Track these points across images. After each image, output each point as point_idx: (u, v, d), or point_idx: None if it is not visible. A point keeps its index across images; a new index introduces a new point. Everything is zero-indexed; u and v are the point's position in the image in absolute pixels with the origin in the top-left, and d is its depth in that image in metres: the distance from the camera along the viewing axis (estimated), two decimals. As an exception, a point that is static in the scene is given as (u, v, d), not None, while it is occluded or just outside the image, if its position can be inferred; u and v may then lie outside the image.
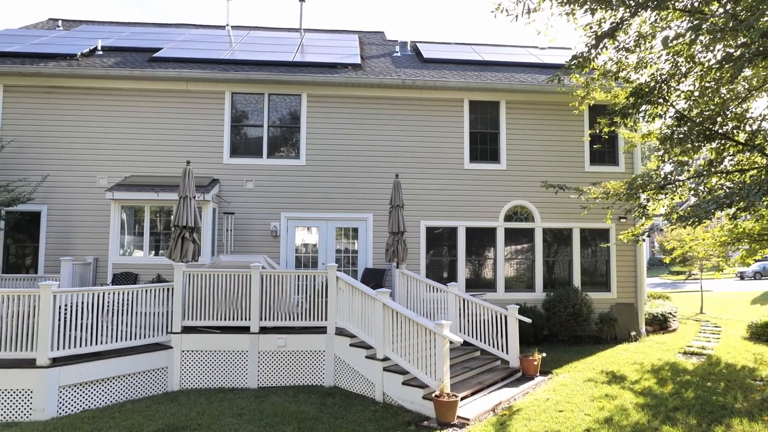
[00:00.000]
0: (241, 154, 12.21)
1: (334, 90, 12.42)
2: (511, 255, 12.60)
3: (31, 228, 11.67)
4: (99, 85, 11.97)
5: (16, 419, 6.81)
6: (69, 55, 12.40)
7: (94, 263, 11.36)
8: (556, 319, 11.46)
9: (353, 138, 12.38)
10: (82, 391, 7.21)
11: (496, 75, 13.25)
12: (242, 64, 12.65)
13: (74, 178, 11.73)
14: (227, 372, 8.30)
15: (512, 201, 12.55)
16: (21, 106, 11.85)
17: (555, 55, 15.45)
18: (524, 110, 12.84)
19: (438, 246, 12.48)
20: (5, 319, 7.05)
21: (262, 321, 8.45)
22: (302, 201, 12.09)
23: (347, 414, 6.85)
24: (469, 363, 8.71)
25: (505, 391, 7.82)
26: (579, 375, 8.79)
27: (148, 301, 8.17)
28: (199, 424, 6.35)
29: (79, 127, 11.89)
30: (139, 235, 11.28)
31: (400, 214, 10.36)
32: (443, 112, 12.66)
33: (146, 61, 12.58)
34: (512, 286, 12.49)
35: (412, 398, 7.11)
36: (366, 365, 7.83)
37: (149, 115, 12.05)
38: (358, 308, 8.11)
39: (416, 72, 13.11)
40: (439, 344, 6.87)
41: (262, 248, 11.74)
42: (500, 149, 12.72)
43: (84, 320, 7.39)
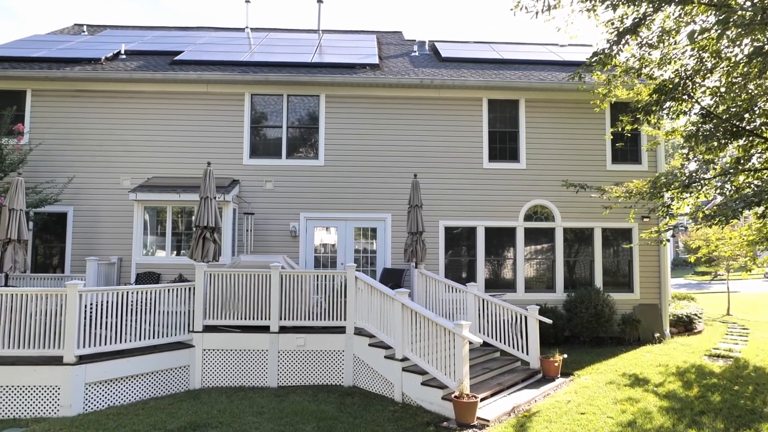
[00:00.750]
0: (260, 155, 12.32)
1: (353, 90, 12.45)
2: (530, 255, 12.47)
3: (58, 228, 11.96)
4: (122, 89, 12.21)
5: (44, 415, 6.99)
6: (94, 60, 12.68)
7: (119, 263, 11.59)
8: (577, 320, 11.31)
9: (372, 138, 12.40)
10: (107, 388, 7.36)
11: (515, 73, 13.13)
12: (261, 66, 12.77)
13: (99, 179, 11.99)
14: (247, 371, 8.38)
15: (532, 200, 12.42)
16: (48, 110, 12.16)
17: (575, 52, 15.24)
18: (544, 109, 12.69)
19: (457, 246, 12.41)
20: (34, 317, 7.24)
21: (282, 320, 8.51)
22: (321, 201, 12.15)
23: (366, 414, 6.86)
24: (488, 364, 8.64)
25: (526, 393, 7.74)
26: (601, 377, 8.66)
27: (170, 301, 8.30)
28: (221, 422, 6.43)
29: (104, 130, 12.15)
30: (162, 235, 11.47)
31: (418, 214, 10.34)
32: (462, 111, 12.59)
33: (168, 64, 12.79)
34: (532, 286, 12.35)
35: (432, 399, 7.08)
36: (385, 365, 7.82)
37: (171, 117, 12.24)
38: (377, 308, 8.12)
39: (434, 71, 13.06)
40: (459, 345, 6.83)
41: (282, 248, 11.84)
42: (519, 148, 12.60)
43: (109, 319, 7.55)
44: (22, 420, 6.85)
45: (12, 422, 6.78)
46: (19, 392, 7.06)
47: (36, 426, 6.45)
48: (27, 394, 7.05)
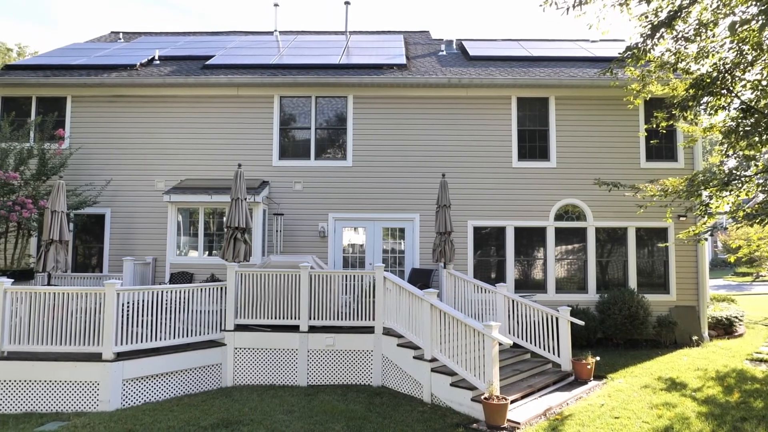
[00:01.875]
0: (289, 157, 12.48)
1: (380, 91, 12.48)
2: (561, 255, 12.25)
3: (97, 229, 12.38)
4: (156, 93, 12.56)
5: (84, 409, 7.25)
6: (129, 66, 13.07)
7: (153, 263, 11.92)
8: (610, 321, 11.05)
9: (399, 138, 12.40)
10: (144, 385, 7.57)
11: (544, 70, 12.92)
12: (290, 68, 12.93)
13: (134, 181, 12.35)
14: (278, 369, 8.49)
15: (563, 200, 12.20)
16: (87, 115, 12.60)
17: (607, 48, 14.89)
18: (575, 106, 12.45)
19: (486, 246, 12.29)
20: (74, 315, 7.52)
21: (311, 320, 8.60)
22: (349, 202, 12.22)
23: (395, 414, 6.86)
24: (518, 365, 8.53)
25: (557, 395, 7.61)
26: (636, 380, 8.44)
27: (203, 300, 8.48)
28: (252, 419, 6.54)
29: (139, 133, 12.51)
30: (194, 236, 11.74)
31: (447, 214, 10.28)
32: (490, 110, 12.46)
33: (199, 69, 13.08)
34: (563, 287, 12.13)
35: (461, 400, 7.03)
36: (414, 366, 7.81)
37: (203, 120, 12.52)
38: (406, 308, 8.11)
39: (462, 70, 12.97)
40: (488, 346, 6.77)
41: (311, 248, 11.95)
42: (549, 147, 12.39)
43: (144, 317, 7.77)
44: (64, 414, 7.12)
45: (55, 416, 7.05)
46: (61, 387, 7.34)
47: (77, 420, 6.69)
48: (68, 388, 7.33)
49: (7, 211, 10.29)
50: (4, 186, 10.82)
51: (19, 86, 12.54)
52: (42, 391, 7.35)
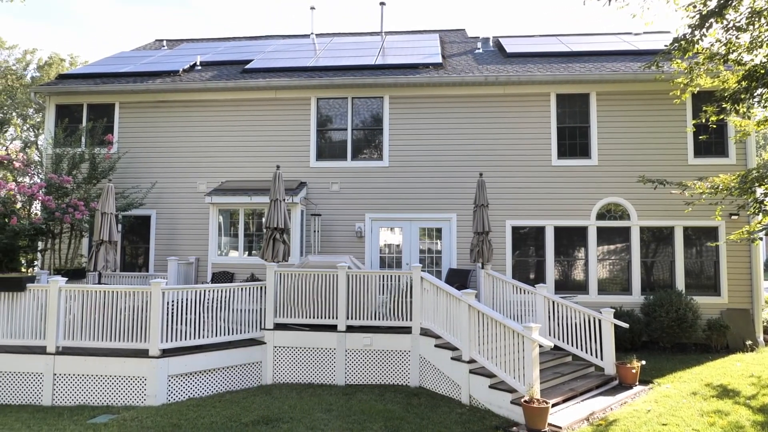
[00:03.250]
0: (326, 158, 12.61)
1: (416, 90, 12.45)
2: (603, 255, 11.89)
3: (143, 230, 12.86)
4: (198, 98, 12.93)
5: (132, 403, 7.53)
6: (172, 72, 13.51)
7: (196, 263, 12.27)
8: (656, 324, 10.64)
9: (436, 138, 12.33)
10: (188, 381, 7.81)
11: (585, 66, 12.57)
12: (326, 70, 13.07)
13: (178, 184, 12.76)
14: (316, 368, 8.59)
15: (605, 198, 11.84)
16: (133, 121, 13.11)
17: (651, 40, 14.37)
18: (617, 101, 12.06)
19: (524, 246, 12.07)
20: (123, 313, 7.83)
21: (349, 320, 8.65)
22: (386, 202, 12.24)
23: (433, 415, 6.82)
24: (560, 368, 8.33)
25: (601, 400, 7.39)
26: (684, 386, 8.09)
27: (243, 299, 8.67)
28: (291, 417, 6.63)
29: (182, 137, 12.92)
30: (234, 236, 12.03)
31: (484, 214, 10.15)
32: (528, 107, 12.23)
33: (239, 73, 13.39)
34: (606, 288, 11.77)
35: (500, 402, 6.93)
36: (451, 367, 7.75)
37: (242, 123, 12.81)
38: (443, 309, 8.06)
39: (499, 68, 12.79)
40: (528, 348, 6.64)
41: (348, 248, 12.04)
42: (591, 144, 12.05)
43: (188, 315, 8.01)
44: (114, 407, 7.43)
45: (105, 409, 7.36)
46: (111, 381, 7.65)
47: (126, 413, 6.96)
48: (118, 383, 7.64)
49: (61, 212, 10.82)
50: (59, 189, 11.39)
51: (71, 94, 13.18)
52: (93, 385, 7.69)
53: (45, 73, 46.84)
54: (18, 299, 8.03)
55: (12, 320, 8.02)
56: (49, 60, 48.46)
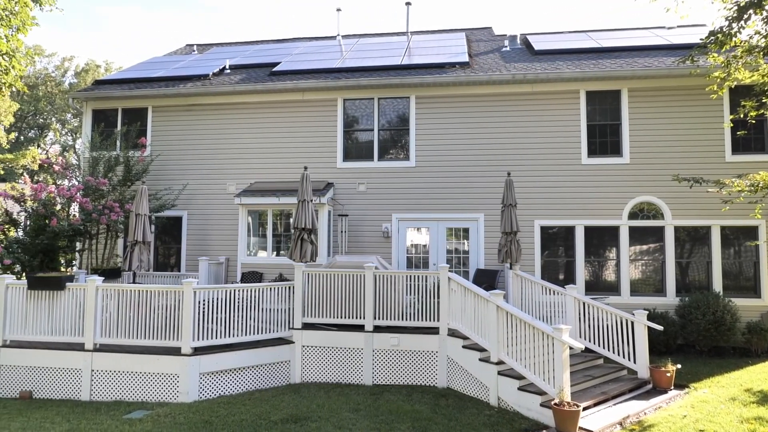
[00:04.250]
0: (353, 158, 12.67)
1: (442, 90, 12.39)
2: (636, 256, 11.59)
3: (175, 231, 13.17)
4: (227, 101, 13.18)
5: (166, 400, 7.73)
6: (203, 76, 13.80)
7: (226, 263, 12.50)
8: (692, 327, 10.32)
9: (463, 137, 12.25)
10: (218, 379, 7.96)
11: (615, 62, 12.30)
12: (353, 71, 13.14)
13: (208, 185, 13.03)
14: (344, 368, 8.64)
15: (637, 197, 11.54)
16: (165, 124, 13.45)
17: (686, 34, 13.95)
18: (649, 98, 11.75)
19: (553, 246, 11.88)
20: (156, 311, 8.04)
21: (376, 320, 8.67)
22: (412, 202, 12.23)
23: (461, 416, 6.78)
24: (591, 371, 8.17)
25: (634, 404, 7.21)
26: (722, 391, 7.82)
27: (272, 299, 8.79)
28: (320, 416, 6.69)
29: (212, 139, 13.18)
30: (263, 236, 12.21)
31: (512, 214, 10.04)
32: (557, 105, 12.03)
33: (267, 76, 13.58)
34: (638, 289, 11.48)
35: (529, 405, 6.84)
36: (479, 368, 7.68)
37: (270, 124, 12.99)
38: (471, 310, 8.00)
39: (527, 66, 12.62)
40: (558, 350, 6.53)
41: (375, 249, 12.07)
42: (622, 141, 11.77)
43: (218, 314, 8.17)
44: (148, 403, 7.63)
45: (140, 405, 7.57)
46: (146, 378, 7.87)
47: (160, 409, 7.15)
48: (151, 380, 7.85)
49: (98, 214, 11.19)
50: (96, 191, 11.77)
51: (106, 99, 13.60)
52: (129, 381, 7.92)
53: (82, 79, 48.53)
54: (58, 298, 8.34)
55: (53, 318, 8.34)
56: (86, 66, 50.16)
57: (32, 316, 8.39)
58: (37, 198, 11.00)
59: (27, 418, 7.06)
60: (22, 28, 11.13)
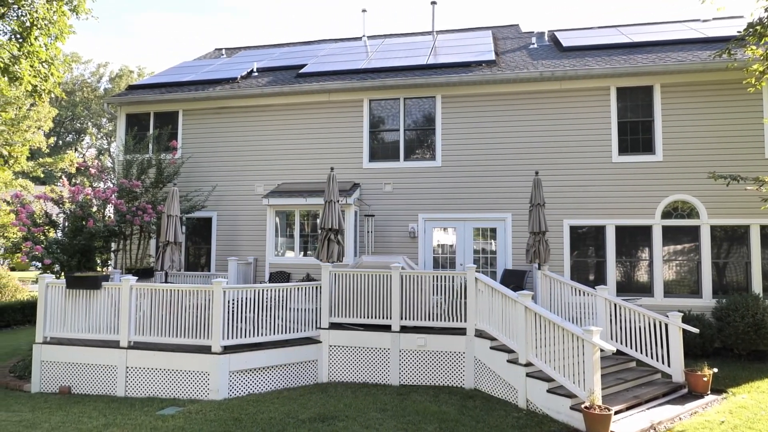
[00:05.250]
0: (379, 159, 12.70)
1: (469, 89, 12.30)
2: (669, 256, 11.26)
3: (205, 232, 13.44)
4: (255, 103, 13.38)
5: (197, 397, 7.90)
6: (231, 79, 14.05)
7: (254, 263, 12.69)
8: (730, 330, 9.96)
9: (489, 136, 12.13)
10: (247, 377, 8.09)
11: (647, 56, 11.97)
12: (378, 72, 13.16)
13: (237, 187, 13.25)
14: (370, 368, 8.66)
15: (671, 196, 11.22)
16: (195, 127, 13.74)
17: (722, 26, 13.49)
18: (683, 93, 11.40)
19: (583, 246, 11.65)
20: (187, 310, 8.23)
21: (403, 320, 8.67)
22: (439, 202, 12.18)
23: (489, 418, 6.71)
24: (622, 374, 7.98)
25: (668, 409, 7.01)
26: (763, 397, 7.54)
27: (299, 298, 8.89)
28: (347, 415, 6.73)
29: (240, 141, 13.41)
30: (290, 237, 12.34)
31: (541, 213, 9.89)
32: (587, 102, 11.79)
33: (294, 78, 13.73)
34: (672, 290, 11.15)
35: (559, 408, 6.72)
36: (507, 369, 7.60)
37: (297, 126, 13.13)
38: (498, 310, 7.91)
39: (555, 63, 12.41)
40: (588, 352, 6.40)
41: (401, 249, 12.07)
42: (655, 138, 11.46)
43: (247, 314, 8.31)
44: (180, 400, 7.81)
45: (172, 401, 7.76)
46: (177, 375, 8.06)
47: (191, 406, 7.31)
48: (183, 377, 8.03)
49: (131, 215, 11.51)
50: (129, 193, 12.11)
51: (139, 104, 13.98)
52: (161, 378, 8.13)
53: (116, 84, 50.03)
54: (95, 297, 8.62)
55: (89, 316, 8.62)
56: (120, 72, 51.69)
57: (70, 314, 8.70)
58: (75, 200, 11.38)
59: (66, 412, 7.32)
60: (60, 37, 11.55)
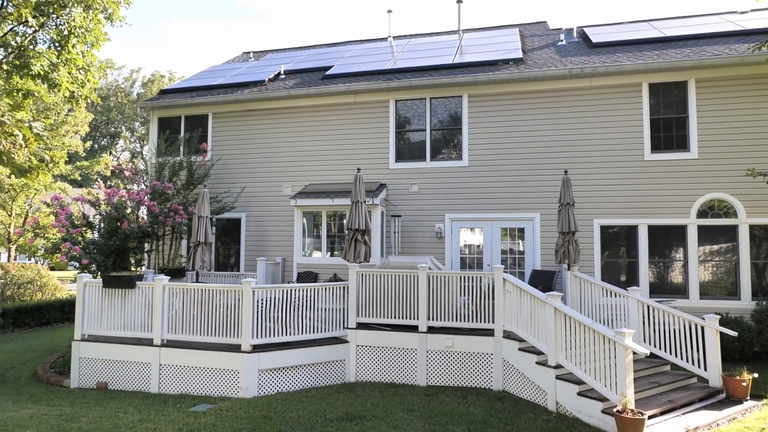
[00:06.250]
0: (405, 159, 12.69)
1: (496, 88, 12.18)
2: (705, 256, 10.92)
3: (234, 232, 13.68)
4: (282, 105, 13.55)
5: (227, 394, 8.05)
6: (259, 82, 14.26)
7: (282, 263, 12.86)
8: (770, 333, 9.60)
9: (517, 135, 11.99)
10: (276, 376, 8.20)
11: (681, 51, 11.64)
12: (404, 72, 13.16)
13: (265, 188, 13.45)
14: (397, 368, 8.67)
15: (707, 194, 10.87)
16: (224, 129, 14.00)
17: (761, 18, 13.01)
18: (720, 88, 11.03)
19: (614, 246, 11.39)
20: (218, 310, 8.39)
21: (430, 321, 8.65)
22: (466, 202, 12.10)
23: (517, 421, 6.64)
24: (656, 378, 7.77)
25: (704, 414, 6.80)
26: (806, 403, 7.23)
27: (326, 298, 8.96)
28: (374, 415, 6.75)
29: (268, 143, 13.60)
30: (317, 237, 12.46)
31: (570, 213, 9.72)
32: (617, 99, 11.53)
33: (320, 79, 13.85)
34: (708, 292, 10.80)
35: (590, 411, 6.60)
36: (536, 371, 7.50)
37: (324, 127, 13.24)
38: (527, 312, 7.82)
39: (584, 59, 12.18)
40: (621, 354, 6.27)
41: (428, 249, 12.03)
42: (689, 135, 11.12)
43: (275, 313, 8.42)
44: (211, 398, 7.98)
45: (203, 398, 7.93)
46: (208, 373, 8.23)
47: (222, 404, 7.45)
48: (214, 375, 8.19)
49: (164, 216, 11.80)
50: (161, 195, 12.42)
51: (170, 108, 14.33)
52: (193, 375, 8.32)
53: (148, 89, 51.40)
54: (129, 296, 8.87)
55: (124, 314, 8.89)
56: (152, 77, 53.06)
57: (107, 313, 8.99)
58: (110, 202, 11.74)
59: (103, 407, 7.56)
60: (96, 44, 11.93)
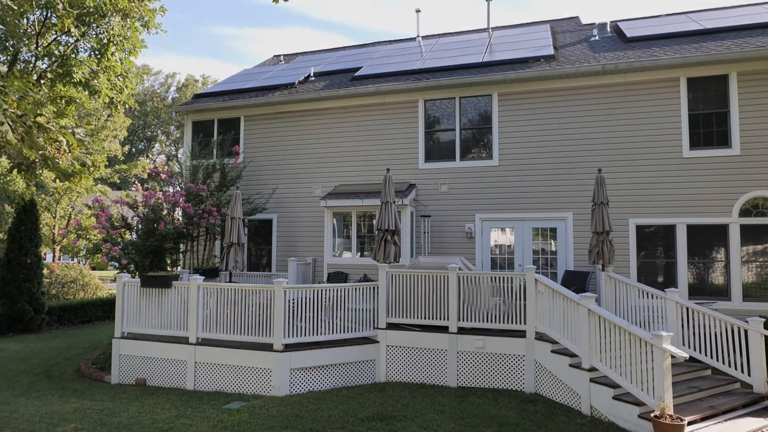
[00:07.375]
0: (434, 159, 12.65)
1: (526, 86, 12.01)
2: (749, 257, 10.49)
3: (265, 233, 13.91)
4: (312, 107, 13.70)
5: (260, 393, 8.19)
6: (289, 84, 14.45)
7: (313, 263, 13.00)
8: (820, 337, 9.14)
9: (549, 133, 11.79)
10: (307, 375, 8.30)
11: (722, 43, 11.22)
12: (433, 72, 13.11)
13: (296, 189, 13.62)
14: (428, 369, 8.64)
15: (750, 192, 10.44)
16: (256, 132, 14.25)
17: (808, 7, 12.42)
18: (763, 81, 10.58)
19: (651, 247, 11.07)
20: (250, 309, 8.55)
21: (460, 321, 8.59)
22: (496, 202, 11.97)
23: (550, 424, 6.53)
24: (696, 383, 7.51)
25: (748, 421, 6.54)
26: None
27: (357, 298, 9.01)
28: (405, 416, 6.75)
29: (299, 145, 13.77)
30: (347, 237, 12.54)
31: (604, 212, 9.49)
32: (653, 95, 11.20)
33: (349, 81, 13.94)
34: (752, 294, 10.38)
35: (626, 416, 6.43)
36: (570, 374, 7.36)
37: (353, 128, 13.32)
38: (560, 313, 7.68)
39: (618, 54, 11.88)
40: (658, 358, 6.09)
41: (458, 250, 11.96)
42: (731, 131, 10.71)
43: (307, 313, 8.52)
44: (244, 395, 8.13)
45: (237, 396, 8.08)
46: (242, 372, 8.39)
47: (255, 402, 7.59)
48: (247, 373, 8.35)
49: (198, 218, 12.10)
50: (196, 197, 12.73)
51: (204, 111, 14.68)
52: (227, 374, 8.49)
53: (182, 93, 52.76)
54: (165, 295, 9.13)
55: (161, 313, 9.15)
56: (186, 82, 54.43)
57: (145, 311, 9.28)
58: (147, 204, 12.11)
59: (142, 403, 7.80)
60: (133, 51, 12.34)
